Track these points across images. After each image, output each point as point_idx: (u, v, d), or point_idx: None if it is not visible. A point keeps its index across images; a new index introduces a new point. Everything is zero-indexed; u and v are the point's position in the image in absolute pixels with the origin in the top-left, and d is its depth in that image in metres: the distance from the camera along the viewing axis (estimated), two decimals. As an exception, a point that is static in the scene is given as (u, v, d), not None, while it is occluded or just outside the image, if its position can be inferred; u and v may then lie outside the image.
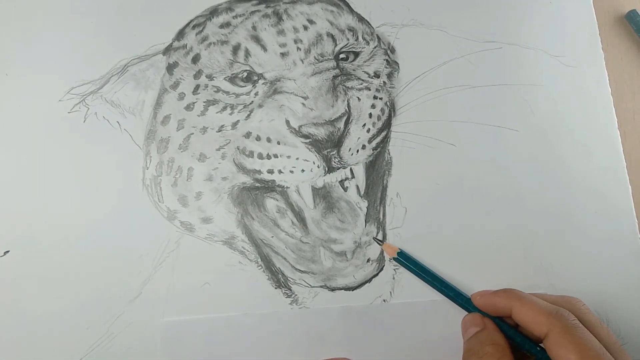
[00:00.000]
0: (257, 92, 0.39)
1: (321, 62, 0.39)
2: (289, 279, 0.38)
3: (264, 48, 0.39)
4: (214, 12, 0.40)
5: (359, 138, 0.39)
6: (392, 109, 0.41)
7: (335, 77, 0.39)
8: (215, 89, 0.39)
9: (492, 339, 0.33)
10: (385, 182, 0.40)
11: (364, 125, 0.39)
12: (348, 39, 0.40)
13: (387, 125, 0.40)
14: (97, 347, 0.36)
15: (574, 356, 0.29)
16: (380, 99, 0.40)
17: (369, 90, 0.40)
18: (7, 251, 0.37)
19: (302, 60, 0.39)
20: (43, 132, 0.38)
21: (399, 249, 0.38)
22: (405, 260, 0.38)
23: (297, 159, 0.38)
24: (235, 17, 0.40)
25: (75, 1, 0.40)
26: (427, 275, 0.37)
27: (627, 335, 0.39)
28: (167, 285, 0.37)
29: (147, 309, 0.37)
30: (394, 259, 0.38)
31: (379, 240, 0.38)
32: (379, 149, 0.40)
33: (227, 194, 0.39)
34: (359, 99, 0.39)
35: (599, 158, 0.41)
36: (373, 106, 0.40)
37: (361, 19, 0.41)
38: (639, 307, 0.39)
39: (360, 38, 0.41)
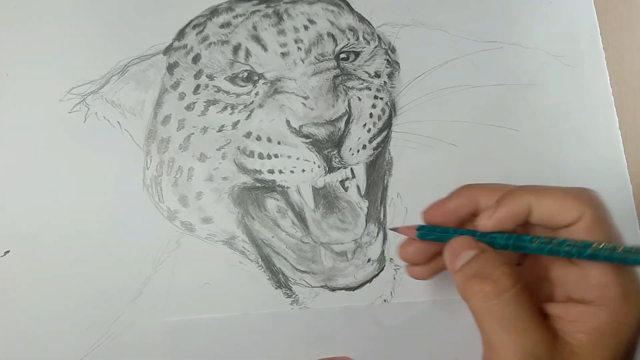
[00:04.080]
0: (258, 92, 0.39)
1: (322, 62, 0.39)
2: (289, 279, 0.38)
3: (265, 48, 0.39)
4: (214, 12, 0.40)
5: (359, 138, 0.39)
6: (392, 108, 0.41)
7: (335, 77, 0.39)
8: (216, 89, 0.39)
9: (501, 259, 0.27)
10: (385, 182, 0.40)
11: (365, 125, 0.39)
12: (349, 39, 0.40)
13: (387, 125, 0.40)
14: (97, 347, 0.36)
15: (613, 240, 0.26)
16: (381, 98, 0.40)
17: (370, 90, 0.40)
18: (8, 251, 0.37)
19: (302, 60, 0.39)
20: (43, 132, 0.38)
21: (417, 225, 0.32)
22: (429, 232, 0.31)
23: (298, 159, 0.38)
24: (235, 17, 0.40)
25: (75, 1, 0.40)
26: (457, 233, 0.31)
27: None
28: (167, 285, 0.37)
29: (147, 309, 0.36)
30: (419, 236, 0.32)
31: (394, 228, 0.34)
32: (379, 149, 0.40)
33: (227, 194, 0.39)
34: (359, 99, 0.39)
35: (600, 158, 0.41)
36: (374, 106, 0.40)
37: (362, 18, 0.41)
38: None
39: (360, 38, 0.41)
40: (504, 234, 0.29)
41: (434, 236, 0.31)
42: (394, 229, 0.33)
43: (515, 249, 0.28)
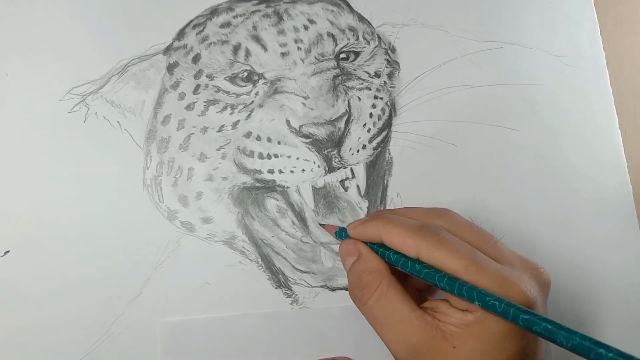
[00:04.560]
0: (258, 91, 0.39)
1: (322, 61, 0.39)
2: (289, 278, 0.38)
3: (265, 48, 0.39)
4: (214, 11, 0.40)
5: (359, 138, 0.39)
6: (392, 108, 0.41)
7: (335, 76, 0.39)
8: (216, 89, 0.39)
9: (367, 267, 0.31)
10: (385, 182, 0.40)
11: (365, 125, 0.39)
12: (349, 39, 0.40)
13: (387, 125, 0.40)
14: (97, 347, 0.36)
15: (448, 266, 0.28)
16: (381, 98, 0.40)
17: (370, 90, 0.40)
18: (8, 251, 0.37)
19: (302, 60, 0.39)
20: (43, 132, 0.38)
21: (338, 227, 0.36)
22: (345, 234, 0.34)
23: (298, 158, 0.38)
24: (235, 16, 0.40)
25: (75, 1, 0.40)
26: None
27: (628, 335, 0.39)
28: (167, 285, 0.37)
29: (147, 309, 0.36)
30: (337, 234, 0.35)
31: (322, 225, 0.38)
32: (379, 149, 0.40)
33: (227, 194, 0.39)
34: (359, 99, 0.39)
35: (600, 158, 0.41)
36: (374, 106, 0.40)
37: (362, 18, 0.41)
38: (640, 307, 0.39)
39: (360, 38, 0.41)
40: (385, 251, 0.31)
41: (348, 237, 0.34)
42: (322, 225, 0.38)
43: (402, 267, 0.30)
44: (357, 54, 0.41)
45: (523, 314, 0.25)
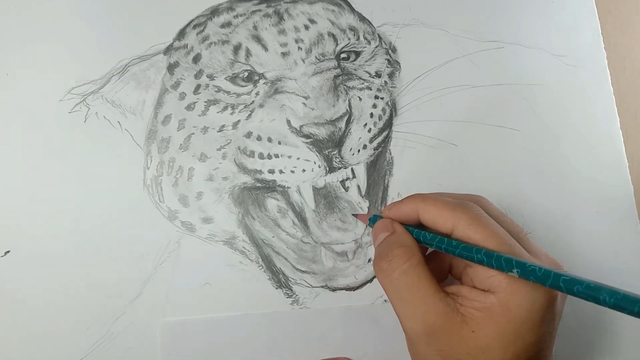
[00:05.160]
0: (258, 91, 0.39)
1: (322, 61, 0.39)
2: (289, 279, 0.38)
3: (265, 48, 0.39)
4: (214, 11, 0.40)
5: (360, 138, 0.39)
6: (393, 108, 0.40)
7: (336, 76, 0.39)
8: (216, 89, 0.39)
9: (400, 241, 0.32)
10: (386, 182, 0.40)
11: (365, 125, 0.39)
12: (349, 39, 0.40)
13: (388, 125, 0.40)
14: (97, 347, 0.36)
15: (482, 242, 0.29)
16: (382, 98, 0.40)
17: (370, 90, 0.40)
18: (8, 251, 0.37)
19: (303, 60, 0.39)
20: (44, 132, 0.38)
21: (372, 214, 0.37)
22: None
23: (298, 158, 0.38)
24: (236, 16, 0.40)
25: (75, 1, 0.40)
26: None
27: (628, 334, 0.38)
28: (167, 285, 0.37)
29: (147, 309, 0.36)
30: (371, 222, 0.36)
31: (355, 215, 0.39)
32: (380, 149, 0.40)
33: (228, 194, 0.39)
34: (360, 99, 0.39)
35: (601, 158, 0.41)
36: (374, 106, 0.40)
37: (362, 18, 0.41)
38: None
39: (361, 37, 0.41)
40: (420, 230, 0.32)
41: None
42: (355, 215, 0.39)
43: (424, 243, 0.32)
44: (357, 53, 0.41)
45: (564, 276, 0.25)
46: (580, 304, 0.39)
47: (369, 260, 0.38)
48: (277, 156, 0.38)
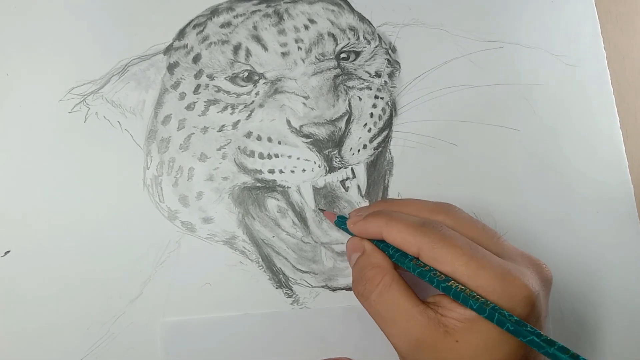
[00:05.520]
0: (258, 91, 0.39)
1: (322, 61, 0.39)
2: (290, 279, 0.38)
3: (265, 48, 0.39)
4: (214, 11, 0.40)
5: (360, 138, 0.39)
6: (393, 108, 0.40)
7: (336, 76, 0.39)
8: (216, 89, 0.39)
9: (371, 263, 0.31)
10: (386, 181, 0.40)
11: (365, 124, 0.39)
12: (349, 39, 0.40)
13: (388, 124, 0.40)
14: (97, 347, 0.36)
15: (447, 268, 0.28)
16: (382, 98, 0.40)
17: (370, 89, 0.40)
18: (8, 251, 0.37)
19: (303, 60, 0.39)
20: (43, 132, 0.38)
21: (337, 215, 0.36)
22: (343, 223, 0.35)
23: (298, 158, 0.38)
24: (236, 16, 0.40)
25: (75, 1, 0.40)
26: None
27: (629, 334, 0.38)
28: (167, 285, 0.37)
29: (147, 309, 0.36)
30: (336, 223, 0.36)
31: (321, 210, 0.38)
32: (380, 149, 0.40)
33: (228, 194, 0.39)
34: (360, 99, 0.39)
35: (601, 157, 0.41)
36: (374, 106, 0.40)
37: (362, 18, 0.41)
38: (642, 307, 0.39)
39: (361, 37, 0.41)
40: (388, 246, 0.31)
41: (346, 228, 0.34)
42: (321, 210, 0.38)
43: (398, 262, 0.31)
44: (357, 53, 0.41)
45: (509, 324, 0.26)
46: (579, 303, 0.39)
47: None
48: (277, 156, 0.38)
